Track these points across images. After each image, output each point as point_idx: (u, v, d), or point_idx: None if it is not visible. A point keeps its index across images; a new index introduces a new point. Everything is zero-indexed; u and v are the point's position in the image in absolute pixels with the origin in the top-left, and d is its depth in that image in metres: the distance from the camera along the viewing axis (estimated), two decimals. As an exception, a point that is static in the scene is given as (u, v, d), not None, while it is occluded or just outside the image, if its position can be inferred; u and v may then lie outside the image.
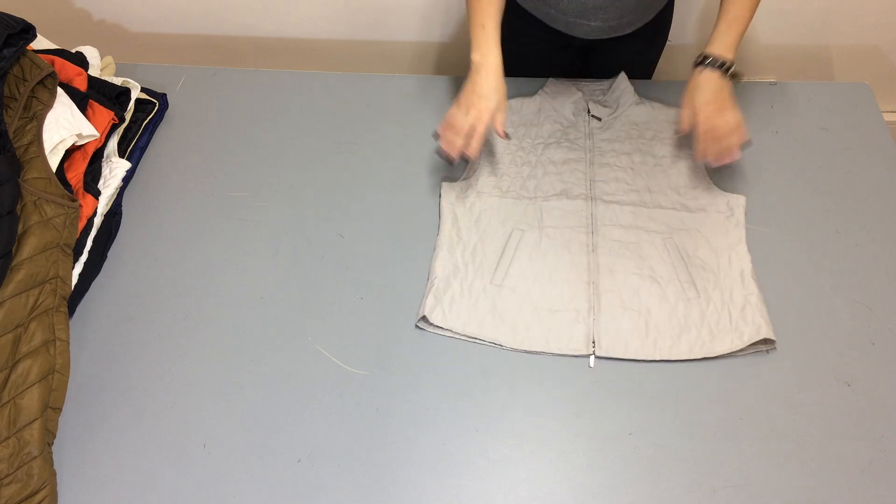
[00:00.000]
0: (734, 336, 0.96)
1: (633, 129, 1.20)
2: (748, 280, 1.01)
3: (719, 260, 1.04)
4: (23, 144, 1.01)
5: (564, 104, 1.24)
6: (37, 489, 0.84)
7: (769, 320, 0.97)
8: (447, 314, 1.00)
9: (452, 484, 0.87)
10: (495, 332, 0.99)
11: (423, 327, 1.00)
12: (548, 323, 0.99)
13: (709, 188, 1.12)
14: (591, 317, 0.99)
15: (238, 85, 1.36)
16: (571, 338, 0.98)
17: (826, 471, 0.86)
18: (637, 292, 1.01)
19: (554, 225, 1.09)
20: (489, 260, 1.06)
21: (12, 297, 0.91)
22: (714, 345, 0.96)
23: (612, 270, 1.03)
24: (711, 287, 1.01)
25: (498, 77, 1.04)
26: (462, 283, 1.03)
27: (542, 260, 1.05)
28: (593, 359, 0.96)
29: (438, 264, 1.05)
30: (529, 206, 1.11)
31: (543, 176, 1.15)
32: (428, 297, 1.01)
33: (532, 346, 0.98)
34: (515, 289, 1.02)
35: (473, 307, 1.01)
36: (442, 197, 1.14)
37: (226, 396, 0.95)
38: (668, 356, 0.95)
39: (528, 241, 1.07)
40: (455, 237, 1.08)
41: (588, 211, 1.10)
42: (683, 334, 0.97)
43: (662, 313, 0.99)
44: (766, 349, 0.96)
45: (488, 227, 1.09)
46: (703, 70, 1.04)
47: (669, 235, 1.07)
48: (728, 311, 0.98)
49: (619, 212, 1.10)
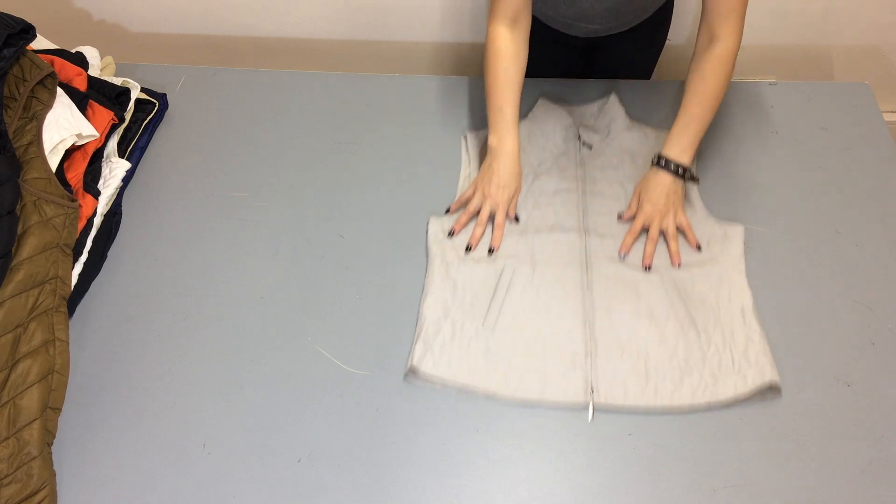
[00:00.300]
0: (737, 379, 0.92)
1: (626, 155, 1.16)
2: (749, 317, 0.97)
3: (718, 295, 1.00)
4: (23, 144, 1.01)
5: (555, 130, 1.20)
6: (36, 489, 0.84)
7: (773, 362, 0.93)
8: (438, 361, 0.95)
9: (452, 484, 0.87)
10: (488, 381, 0.94)
11: (412, 381, 0.95)
12: (543, 369, 0.94)
13: (705, 218, 1.09)
14: (588, 361, 0.94)
15: (238, 85, 1.36)
16: (568, 385, 0.93)
17: (826, 471, 0.86)
18: (635, 333, 0.96)
19: (546, 261, 1.04)
20: (480, 299, 1.01)
21: (12, 297, 0.91)
22: (717, 388, 0.91)
23: (608, 309, 0.99)
24: (712, 326, 0.97)
25: (515, 163, 1.07)
26: (453, 326, 0.98)
27: (536, 298, 1.00)
28: (591, 407, 0.92)
29: (427, 307, 1.00)
30: (521, 241, 1.07)
31: (534, 208, 1.11)
32: (417, 343, 0.96)
33: (527, 395, 0.92)
34: (509, 331, 0.97)
35: (466, 352, 0.96)
36: (429, 232, 1.09)
37: (226, 396, 0.95)
38: (670, 402, 0.91)
39: (520, 277, 1.03)
40: (444, 275, 1.04)
41: (581, 245, 1.06)
42: (685, 377, 0.92)
43: (662, 355, 0.94)
44: (772, 396, 0.92)
45: (477, 265, 1.05)
46: (657, 170, 1.05)
47: (666, 271, 1.03)
48: (730, 351, 0.94)
49: (613, 246, 1.05)
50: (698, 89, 1.02)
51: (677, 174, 1.04)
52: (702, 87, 1.02)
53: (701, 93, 1.02)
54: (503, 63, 1.05)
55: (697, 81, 1.02)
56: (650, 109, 1.26)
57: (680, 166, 1.04)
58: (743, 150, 1.20)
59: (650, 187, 1.05)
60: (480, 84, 1.35)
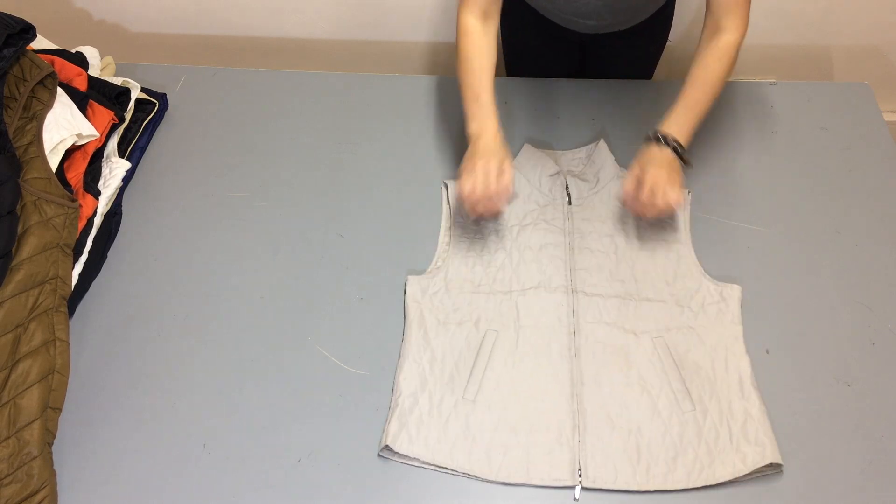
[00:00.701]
0: (736, 458, 0.86)
1: (616, 206, 1.09)
2: (748, 388, 0.91)
3: (714, 363, 0.94)
4: (23, 144, 1.01)
5: (541, 179, 1.13)
6: (37, 489, 0.84)
7: (774, 438, 0.87)
8: (414, 439, 0.89)
9: (452, 484, 0.87)
10: (468, 460, 0.87)
11: (388, 457, 0.89)
12: (527, 446, 0.88)
13: (700, 276, 1.02)
14: (576, 438, 0.88)
15: (238, 85, 1.36)
16: (554, 465, 0.87)
17: (826, 471, 0.86)
18: (626, 406, 0.90)
19: (532, 324, 0.98)
20: (460, 369, 0.95)
21: (12, 297, 0.91)
22: (714, 468, 0.85)
23: (597, 380, 0.93)
24: (708, 397, 0.91)
25: (498, 141, 1.00)
26: (431, 399, 0.92)
27: (520, 367, 0.94)
28: (579, 489, 0.86)
29: (403, 378, 0.94)
30: (504, 302, 1.00)
31: (519, 264, 1.04)
32: (391, 421, 0.90)
33: (510, 476, 0.86)
34: (490, 405, 0.91)
35: (444, 429, 0.90)
36: (407, 293, 1.03)
37: (226, 396, 0.95)
38: (664, 485, 0.85)
39: (503, 343, 0.97)
40: (422, 342, 0.97)
41: (569, 306, 0.99)
42: (679, 457, 0.86)
43: (655, 431, 0.88)
44: (771, 473, 0.86)
45: (459, 330, 0.98)
46: (658, 146, 1.00)
47: (659, 335, 0.97)
48: (728, 427, 0.88)
49: (603, 306, 0.99)
50: (699, 75, 1.01)
51: (675, 152, 1.00)
52: (703, 74, 1.01)
53: (702, 79, 1.01)
54: (475, 52, 1.03)
55: (700, 69, 1.01)
56: (650, 110, 1.26)
57: (679, 145, 1.00)
58: (743, 150, 1.20)
59: (655, 159, 0.99)
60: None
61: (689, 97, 1.02)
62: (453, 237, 1.09)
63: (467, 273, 1.05)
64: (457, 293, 1.02)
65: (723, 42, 1.00)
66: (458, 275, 1.04)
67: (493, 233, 1.09)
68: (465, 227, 1.10)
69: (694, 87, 1.02)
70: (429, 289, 1.03)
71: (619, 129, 1.24)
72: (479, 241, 1.08)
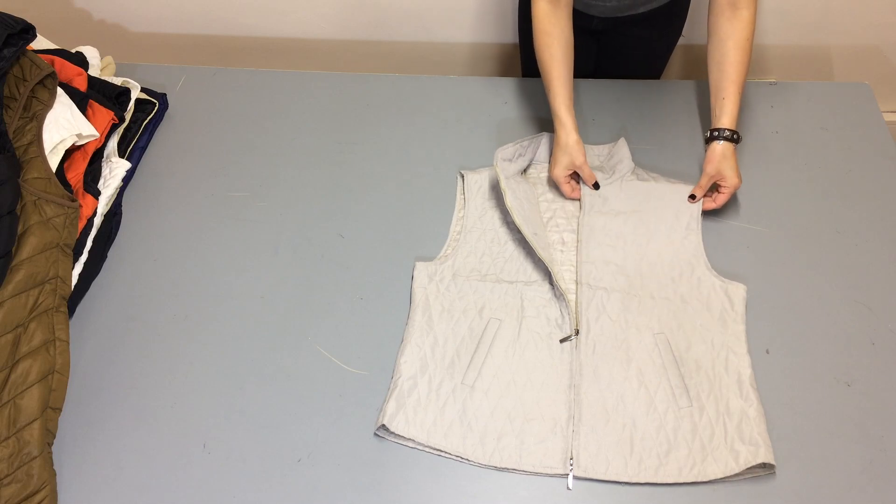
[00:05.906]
0: (729, 457, 0.86)
1: (629, 202, 1.10)
2: (747, 388, 0.91)
3: (715, 361, 0.94)
4: (23, 144, 1.01)
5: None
6: (37, 489, 0.84)
7: (768, 439, 0.87)
8: (410, 420, 0.90)
9: (452, 484, 0.87)
10: (462, 444, 0.89)
11: (383, 436, 0.91)
12: (521, 433, 0.89)
13: (707, 274, 1.02)
14: (570, 427, 0.89)
15: (238, 85, 1.36)
16: (546, 453, 0.88)
17: (826, 471, 0.86)
18: (622, 399, 0.91)
19: (535, 315, 0.99)
20: (461, 356, 0.96)
21: (12, 297, 0.91)
22: (706, 466, 0.85)
23: (595, 372, 0.93)
24: (705, 394, 0.91)
25: (574, 137, 1.09)
26: (430, 383, 0.93)
27: (520, 356, 0.95)
28: (571, 478, 0.87)
29: (404, 361, 0.95)
30: (510, 292, 1.01)
31: (527, 256, 1.05)
32: (389, 401, 0.91)
33: (503, 461, 0.87)
34: (488, 391, 0.92)
35: (440, 412, 0.91)
36: (414, 278, 1.04)
37: (226, 396, 0.95)
38: (654, 478, 0.85)
39: (505, 333, 0.97)
40: (425, 327, 0.98)
41: (573, 298, 1.01)
42: (672, 452, 0.87)
43: (650, 425, 0.89)
44: (764, 473, 0.86)
45: (463, 317, 1.00)
46: (725, 144, 1.07)
47: (660, 331, 0.97)
48: (723, 425, 0.88)
49: (607, 300, 0.99)
50: (733, 59, 1.06)
51: (734, 141, 1.07)
52: (738, 57, 1.06)
53: (737, 63, 1.06)
54: (547, 42, 1.08)
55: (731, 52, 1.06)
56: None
57: (735, 133, 1.07)
58: (743, 150, 1.20)
59: (727, 157, 1.07)
60: (481, 84, 1.35)
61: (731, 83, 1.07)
62: (465, 227, 1.10)
63: (475, 262, 1.06)
64: (463, 281, 1.03)
65: (743, 19, 1.05)
66: (466, 264, 1.06)
67: (504, 225, 1.10)
68: (480, 217, 1.11)
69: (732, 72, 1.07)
70: (436, 275, 1.04)
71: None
72: (490, 232, 1.09)
